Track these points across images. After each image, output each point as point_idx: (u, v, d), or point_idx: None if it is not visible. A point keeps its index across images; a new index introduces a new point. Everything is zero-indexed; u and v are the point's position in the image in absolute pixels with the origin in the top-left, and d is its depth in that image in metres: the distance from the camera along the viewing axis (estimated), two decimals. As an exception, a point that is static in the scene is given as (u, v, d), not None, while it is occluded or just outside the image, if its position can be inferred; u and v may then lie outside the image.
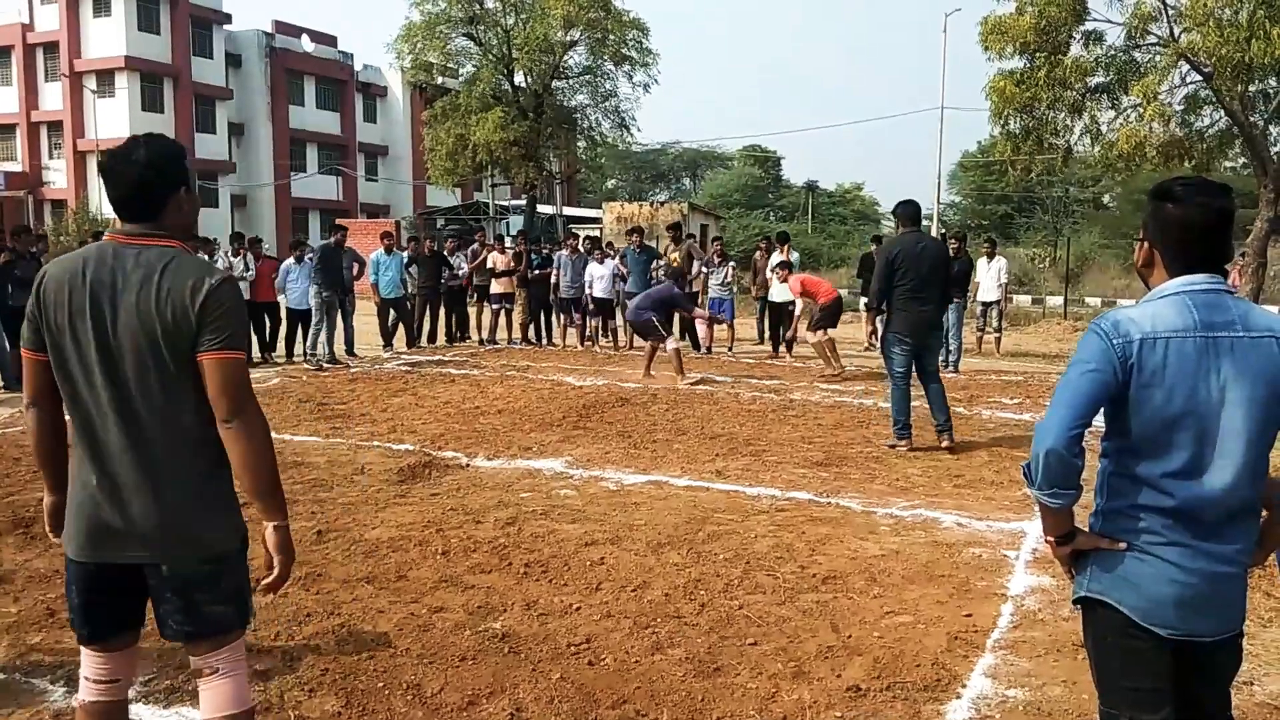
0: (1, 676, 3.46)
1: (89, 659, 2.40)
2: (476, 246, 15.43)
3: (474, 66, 26.93)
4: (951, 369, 12.02)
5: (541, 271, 14.87)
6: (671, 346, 11.02)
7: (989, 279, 14.05)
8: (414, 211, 43.25)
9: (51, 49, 38.70)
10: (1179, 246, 2.09)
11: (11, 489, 6.01)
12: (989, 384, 11.19)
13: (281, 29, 45.91)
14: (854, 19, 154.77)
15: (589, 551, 4.82)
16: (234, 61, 43.47)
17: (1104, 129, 15.38)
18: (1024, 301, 24.42)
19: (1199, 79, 14.48)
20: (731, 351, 14.29)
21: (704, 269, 14.63)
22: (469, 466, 6.78)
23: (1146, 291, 2.16)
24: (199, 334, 2.23)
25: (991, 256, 14.28)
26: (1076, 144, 15.93)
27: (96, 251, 2.28)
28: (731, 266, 15.03)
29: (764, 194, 62.88)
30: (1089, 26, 14.92)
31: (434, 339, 14.93)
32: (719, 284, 14.58)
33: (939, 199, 32.08)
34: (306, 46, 46.29)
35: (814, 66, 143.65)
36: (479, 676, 3.45)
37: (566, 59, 26.08)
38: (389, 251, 13.97)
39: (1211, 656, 2.11)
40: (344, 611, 4.03)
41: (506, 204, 37.28)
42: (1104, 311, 2.31)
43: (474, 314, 15.55)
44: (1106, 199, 46.00)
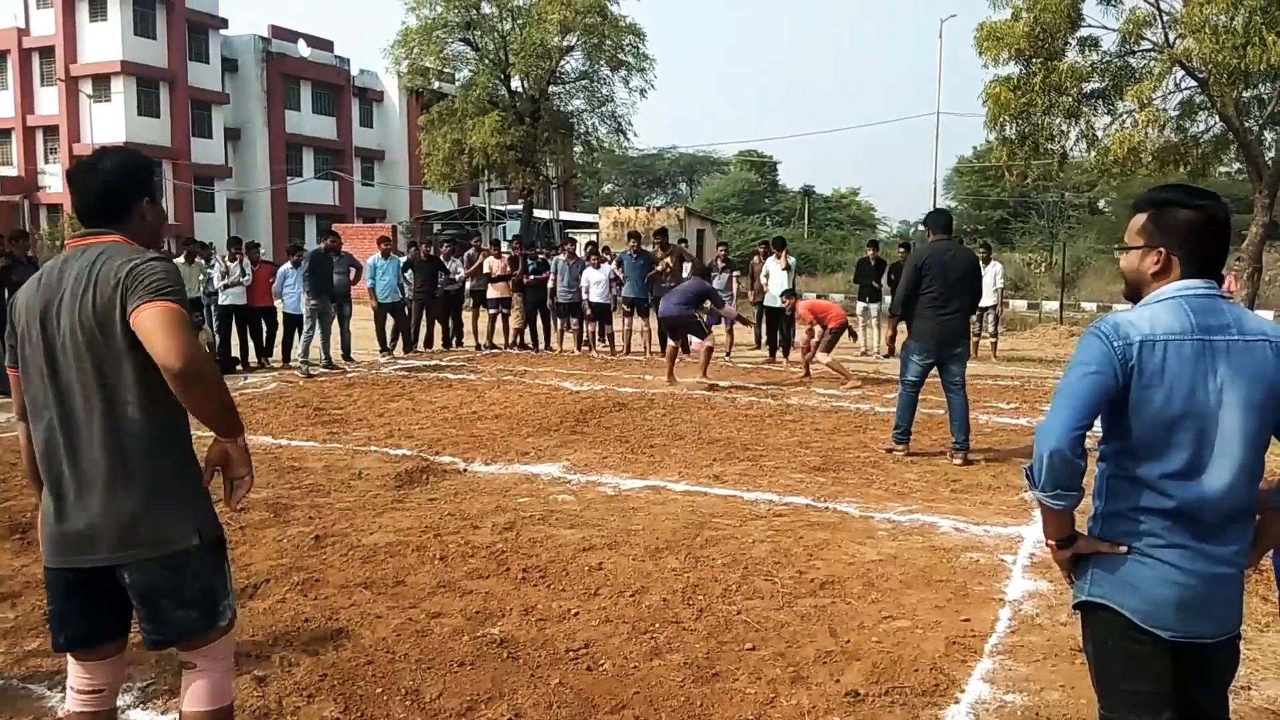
0: (-2, 682, 3.45)
1: (73, 668, 2.41)
2: (473, 252, 15.46)
3: (470, 71, 26.99)
4: None
5: (538, 276, 14.89)
6: (706, 344, 11.11)
7: (985, 284, 14.06)
8: (410, 216, 43.28)
9: (47, 53, 38.68)
10: (1194, 249, 2.11)
11: (7, 494, 5.99)
12: (985, 389, 11.20)
13: (278, 34, 45.91)
14: (850, 24, 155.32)
15: (587, 557, 4.81)
16: (230, 66, 43.45)
17: (1099, 134, 15.48)
18: (1020, 306, 24.50)
19: (1194, 85, 14.56)
20: (729, 357, 14.30)
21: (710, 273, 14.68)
22: (466, 471, 6.78)
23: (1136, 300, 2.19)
24: (126, 304, 2.16)
25: (987, 261, 14.32)
26: (1072, 149, 16.03)
27: (53, 263, 2.34)
28: (735, 275, 15.19)
29: (760, 199, 62.97)
30: (1084, 33, 15.02)
31: (430, 344, 14.94)
32: (720, 289, 14.60)
33: (935, 204, 32.14)
34: (303, 51, 46.28)
35: (810, 72, 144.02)
36: (477, 682, 3.45)
37: (563, 64, 26.14)
38: (386, 256, 13.98)
39: (1210, 659, 2.12)
40: (342, 617, 4.03)
41: (503, 209, 37.33)
42: (1100, 316, 2.33)
43: (469, 319, 15.57)
44: (1102, 204, 46.15)
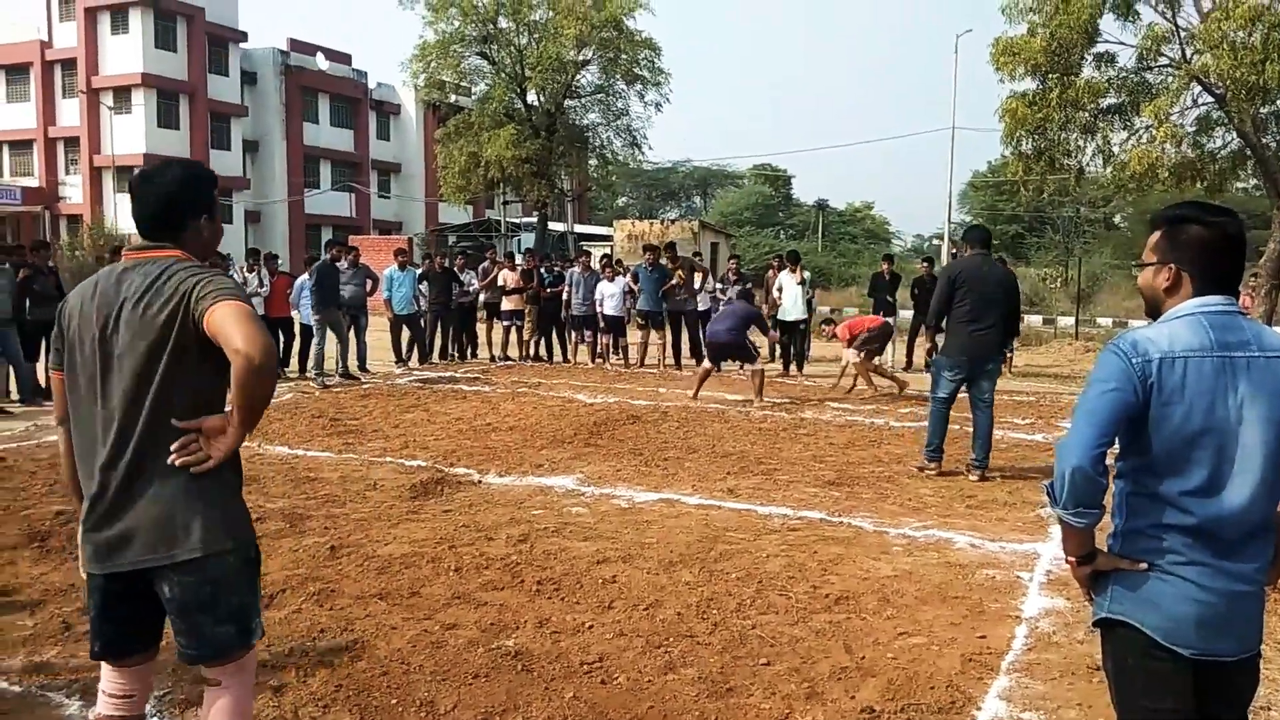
0: (18, 690, 3.47)
1: (106, 672, 2.46)
2: (487, 264, 15.52)
3: (487, 85, 27.20)
4: None
5: (553, 289, 14.93)
6: (758, 366, 11.02)
7: None
8: (426, 228, 43.52)
9: (69, 66, 39.13)
10: (1207, 266, 2.11)
11: (28, 502, 6.04)
12: (1000, 404, 11.04)
13: (296, 47, 46.34)
14: (865, 39, 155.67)
15: (601, 569, 4.81)
16: (249, 79, 43.87)
17: (1116, 150, 15.42)
18: (1035, 321, 24.36)
19: (1211, 100, 14.51)
20: (744, 369, 14.25)
21: (718, 285, 14.64)
22: (481, 483, 6.79)
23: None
24: (195, 309, 2.20)
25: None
26: (1088, 165, 15.96)
27: (108, 271, 2.37)
28: (748, 286, 15.08)
29: (774, 212, 63.01)
30: (1101, 48, 15.00)
31: (445, 355, 15.00)
32: (724, 301, 14.60)
33: (950, 218, 32.07)
34: (321, 65, 46.65)
35: (825, 86, 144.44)
36: (492, 695, 3.45)
37: (579, 78, 26.31)
38: (403, 268, 14.05)
39: (1231, 678, 2.11)
40: (357, 628, 4.04)
41: (518, 221, 37.49)
42: (1116, 332, 2.32)
43: (484, 331, 15.62)
44: (1118, 219, 45.96)
